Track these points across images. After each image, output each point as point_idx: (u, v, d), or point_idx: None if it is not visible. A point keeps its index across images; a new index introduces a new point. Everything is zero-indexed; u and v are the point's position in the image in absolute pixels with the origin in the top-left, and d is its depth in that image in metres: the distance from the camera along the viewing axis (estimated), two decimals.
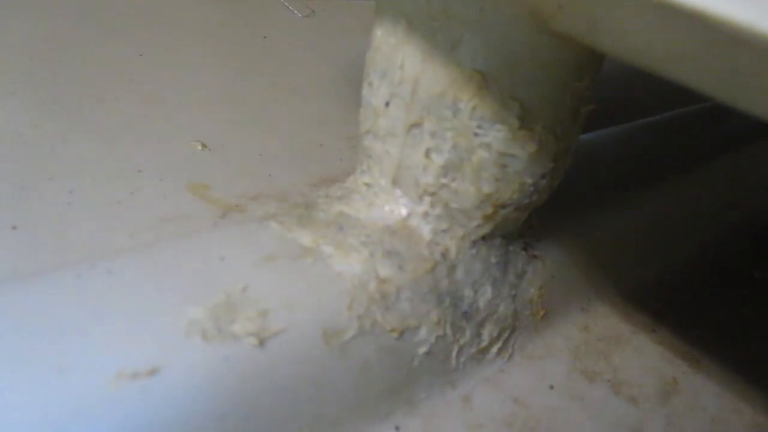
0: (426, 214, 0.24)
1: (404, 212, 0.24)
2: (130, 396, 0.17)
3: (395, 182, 0.24)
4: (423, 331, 0.23)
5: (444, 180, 0.23)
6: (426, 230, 0.24)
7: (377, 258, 0.23)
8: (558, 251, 0.29)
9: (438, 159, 0.23)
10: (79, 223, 0.25)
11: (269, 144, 0.34)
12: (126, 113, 0.34)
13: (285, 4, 0.52)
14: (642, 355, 0.29)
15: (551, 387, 0.26)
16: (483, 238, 0.25)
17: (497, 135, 0.22)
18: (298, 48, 0.46)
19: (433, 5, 0.21)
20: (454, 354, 0.24)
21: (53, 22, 0.41)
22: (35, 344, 0.17)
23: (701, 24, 0.12)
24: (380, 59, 0.23)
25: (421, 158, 0.23)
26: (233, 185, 0.30)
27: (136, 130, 0.32)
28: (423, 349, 0.23)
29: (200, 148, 0.32)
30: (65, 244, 0.24)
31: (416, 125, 0.23)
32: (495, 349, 0.26)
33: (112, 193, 0.27)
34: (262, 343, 0.20)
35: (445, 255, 0.24)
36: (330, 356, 0.21)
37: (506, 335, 0.26)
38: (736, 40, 0.12)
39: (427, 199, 0.24)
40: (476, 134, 0.22)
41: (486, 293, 0.25)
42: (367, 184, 0.25)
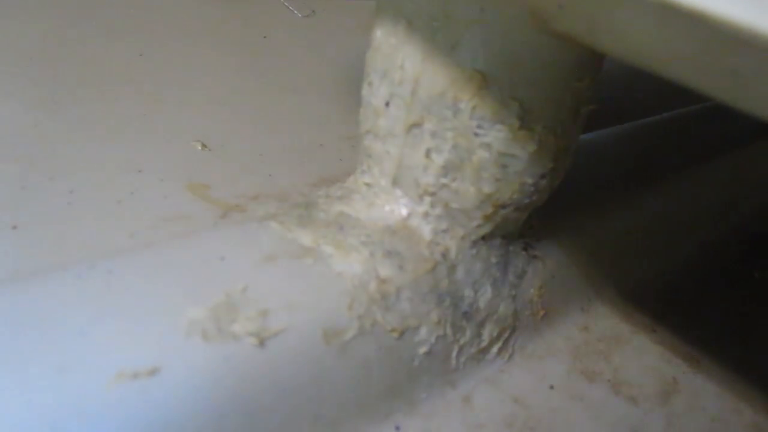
0: (426, 214, 0.24)
1: (404, 212, 0.24)
2: (131, 396, 0.17)
3: (395, 182, 0.24)
4: (423, 331, 0.23)
5: (444, 180, 0.23)
6: (426, 230, 0.24)
7: (377, 258, 0.23)
8: (558, 251, 0.29)
9: (438, 159, 0.23)
10: (79, 223, 0.25)
11: (269, 144, 0.34)
12: (126, 113, 0.34)
13: (285, 4, 0.52)
14: (642, 355, 0.29)
15: (551, 387, 0.26)
16: (483, 238, 0.25)
17: (497, 135, 0.22)
18: (298, 48, 0.46)
19: (433, 5, 0.21)
20: (455, 354, 0.24)
21: (53, 22, 0.41)
22: (35, 344, 0.17)
23: (701, 24, 0.12)
24: (380, 59, 0.23)
25: (422, 158, 0.23)
26: (233, 185, 0.30)
27: (136, 130, 0.32)
28: (423, 349, 0.23)
29: (200, 148, 0.32)
30: (65, 244, 0.24)
31: (416, 125, 0.23)
32: (495, 349, 0.26)
33: (112, 193, 0.27)
34: (263, 343, 0.20)
35: (446, 255, 0.24)
36: (330, 356, 0.21)
37: (506, 335, 0.26)
38: (737, 41, 0.12)
39: (428, 199, 0.24)
40: (476, 134, 0.22)
41: (486, 293, 0.25)
42: (368, 184, 0.25)
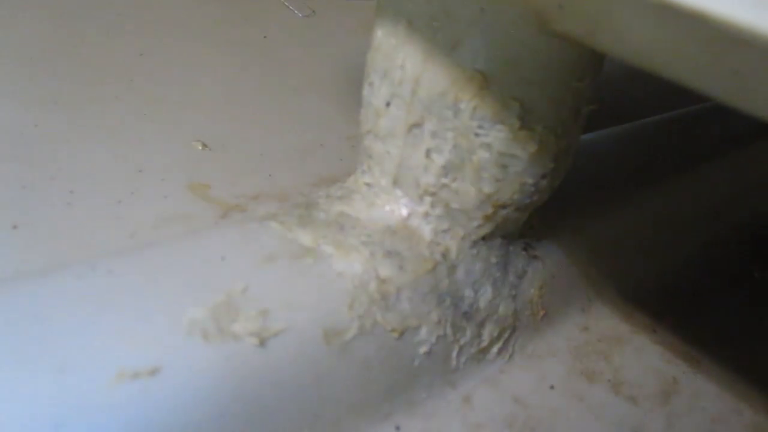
0: (426, 214, 0.24)
1: (405, 212, 0.24)
2: (131, 396, 0.17)
3: (396, 182, 0.24)
4: (423, 331, 0.23)
5: (444, 180, 0.23)
6: (426, 230, 0.24)
7: (378, 258, 0.23)
8: (558, 251, 0.29)
9: (439, 159, 0.23)
10: (79, 223, 0.25)
11: (270, 144, 0.34)
12: (126, 113, 0.34)
13: (285, 4, 0.52)
14: (642, 355, 0.29)
15: (551, 387, 0.26)
16: (483, 239, 0.25)
17: (498, 135, 0.22)
18: (298, 48, 0.46)
19: (434, 5, 0.21)
20: (455, 354, 0.24)
21: (53, 22, 0.41)
22: (35, 344, 0.17)
23: (701, 24, 0.12)
24: (381, 59, 0.23)
25: (422, 158, 0.23)
26: (234, 185, 0.30)
27: (137, 130, 0.32)
28: (423, 349, 0.23)
29: (201, 148, 0.32)
30: (65, 244, 0.24)
31: (417, 125, 0.23)
32: (495, 349, 0.26)
33: (112, 193, 0.27)
34: (263, 343, 0.20)
35: (446, 255, 0.24)
36: (330, 356, 0.21)
37: (506, 335, 0.26)
38: (737, 41, 0.12)
39: (428, 199, 0.24)
40: (477, 134, 0.22)
41: (486, 293, 0.25)
42: (368, 184, 0.25)
